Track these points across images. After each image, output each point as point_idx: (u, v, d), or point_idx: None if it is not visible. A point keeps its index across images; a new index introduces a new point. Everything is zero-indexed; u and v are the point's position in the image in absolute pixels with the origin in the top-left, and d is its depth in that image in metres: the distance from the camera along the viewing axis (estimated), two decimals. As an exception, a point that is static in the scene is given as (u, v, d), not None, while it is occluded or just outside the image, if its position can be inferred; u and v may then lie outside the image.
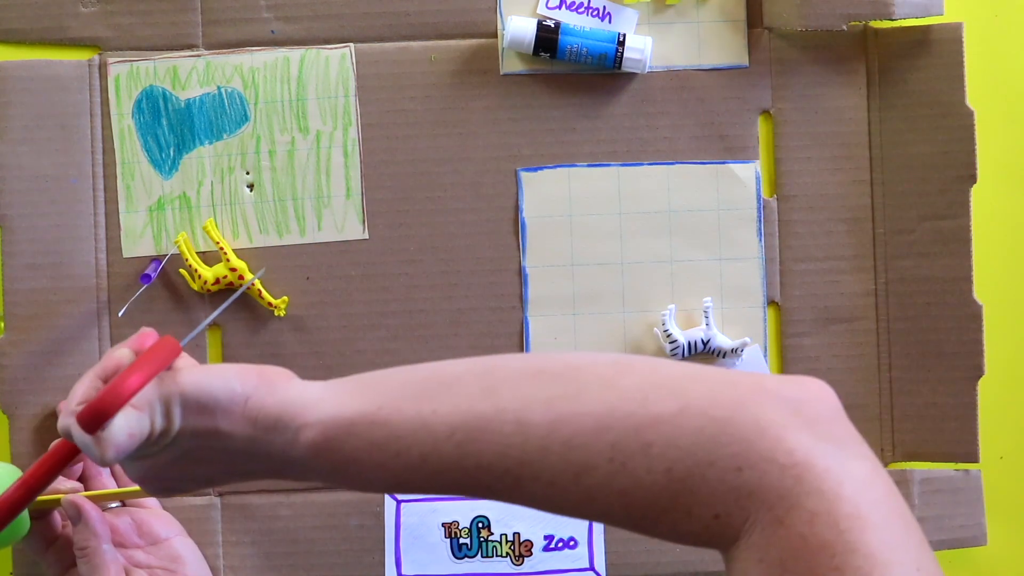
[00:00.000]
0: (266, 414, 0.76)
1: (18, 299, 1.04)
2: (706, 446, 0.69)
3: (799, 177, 1.06)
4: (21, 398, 1.03)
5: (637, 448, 0.70)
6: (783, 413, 0.70)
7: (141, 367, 0.75)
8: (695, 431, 0.70)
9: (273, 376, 0.78)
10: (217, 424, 0.76)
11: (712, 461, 0.69)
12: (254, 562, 1.05)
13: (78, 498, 0.96)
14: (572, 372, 0.74)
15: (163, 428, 0.76)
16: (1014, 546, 1.07)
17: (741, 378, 0.72)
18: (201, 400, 0.76)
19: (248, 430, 0.76)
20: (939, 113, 1.04)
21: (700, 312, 1.05)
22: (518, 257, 1.06)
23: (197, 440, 0.77)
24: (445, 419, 0.74)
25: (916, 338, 1.05)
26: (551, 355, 0.78)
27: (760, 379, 0.72)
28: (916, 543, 0.68)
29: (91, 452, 0.75)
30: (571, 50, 1.04)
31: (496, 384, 0.75)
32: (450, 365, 0.77)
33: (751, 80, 1.06)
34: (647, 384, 0.72)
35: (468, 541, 1.05)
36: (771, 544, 0.68)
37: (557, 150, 1.06)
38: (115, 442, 0.74)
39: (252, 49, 1.05)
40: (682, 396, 0.71)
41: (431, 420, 0.74)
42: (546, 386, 0.74)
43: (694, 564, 1.05)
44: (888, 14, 1.02)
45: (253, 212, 1.05)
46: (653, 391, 0.72)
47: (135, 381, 0.74)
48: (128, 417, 0.75)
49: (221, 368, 0.78)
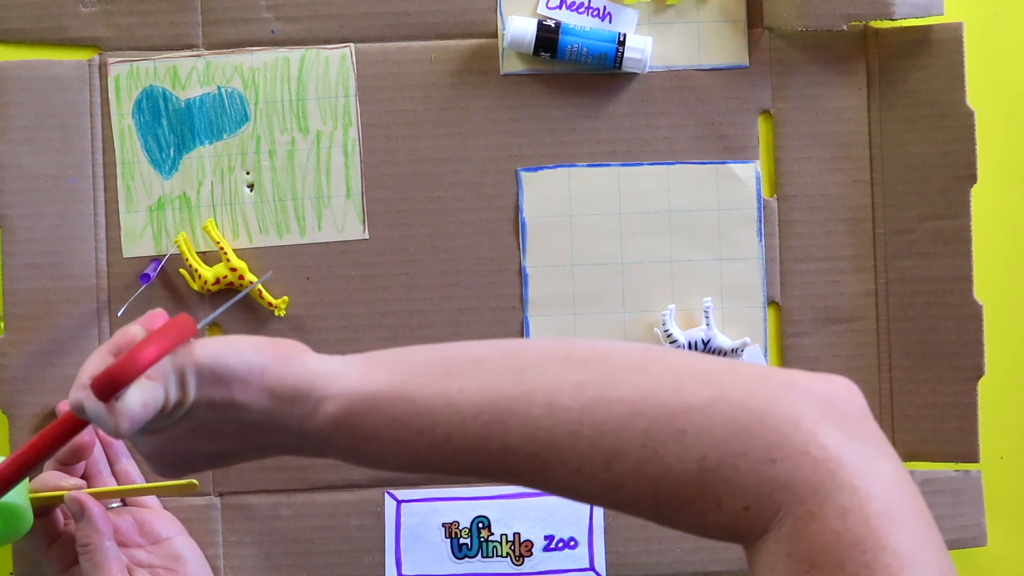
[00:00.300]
0: (284, 385, 0.75)
1: (18, 299, 1.04)
2: (740, 436, 0.69)
3: (799, 177, 1.06)
4: (21, 398, 1.03)
5: (670, 435, 0.70)
6: (815, 409, 0.70)
7: (157, 339, 0.73)
8: (729, 421, 0.70)
9: (289, 348, 0.76)
10: (233, 395, 0.75)
11: (746, 452, 0.69)
12: (254, 562, 1.05)
13: (81, 494, 0.96)
14: (602, 358, 0.74)
15: (178, 399, 0.74)
16: (1014, 546, 1.07)
17: (772, 373, 0.72)
18: (216, 371, 0.74)
19: (265, 401, 0.75)
20: (939, 113, 1.04)
21: (700, 312, 1.05)
22: (518, 257, 1.06)
23: (212, 412, 0.75)
24: (472, 398, 0.73)
25: (916, 338, 1.05)
26: (576, 341, 0.78)
27: (792, 375, 0.72)
28: (939, 544, 0.69)
29: (104, 423, 0.73)
30: (571, 50, 1.04)
31: (524, 366, 0.74)
32: (474, 345, 0.76)
33: (751, 80, 1.06)
34: (680, 372, 0.72)
35: (468, 541, 1.05)
36: (802, 538, 0.68)
37: (557, 150, 1.06)
38: (130, 412, 0.73)
39: (252, 49, 1.05)
40: (716, 386, 0.71)
41: (457, 399, 0.73)
42: (576, 370, 0.73)
43: (694, 564, 1.05)
44: (888, 14, 1.02)
45: (253, 212, 1.05)
46: (686, 379, 0.72)
47: (151, 352, 0.73)
48: (143, 387, 0.73)
49: (236, 339, 0.76)
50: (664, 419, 0.70)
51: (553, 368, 0.73)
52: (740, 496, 0.69)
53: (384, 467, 0.77)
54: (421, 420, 0.73)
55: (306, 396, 0.74)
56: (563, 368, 0.73)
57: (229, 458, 0.79)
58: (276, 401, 0.75)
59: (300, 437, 0.75)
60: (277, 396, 0.75)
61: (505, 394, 0.73)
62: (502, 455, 0.72)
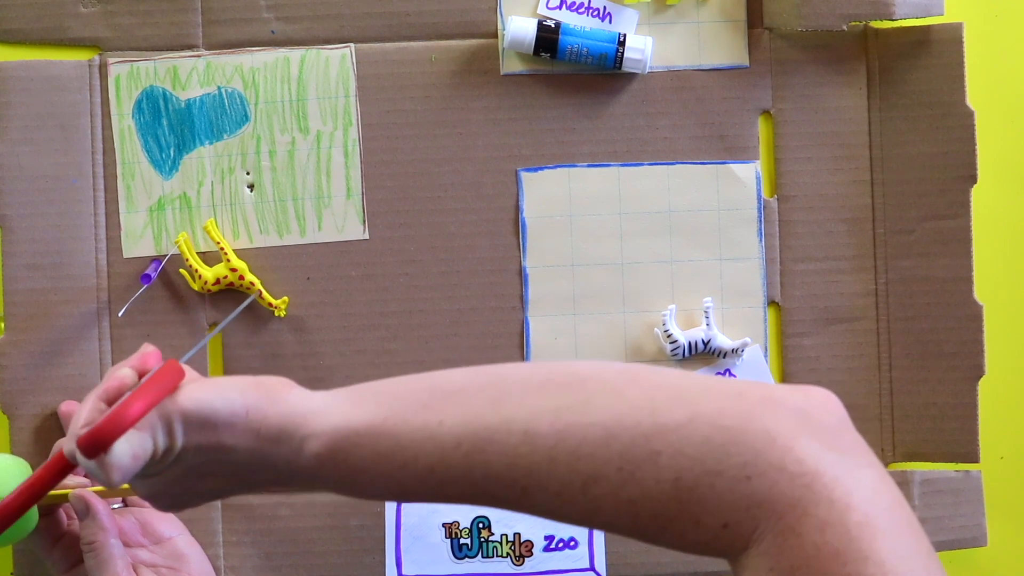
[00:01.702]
0: (269, 425, 0.76)
1: (18, 299, 1.04)
2: (715, 455, 0.69)
3: (799, 177, 1.06)
4: (21, 398, 1.03)
5: (645, 457, 0.70)
6: (791, 423, 0.70)
7: (144, 394, 0.76)
8: (703, 440, 0.70)
9: (273, 386, 0.78)
10: (220, 439, 0.77)
11: (721, 470, 0.69)
12: (254, 562, 1.05)
13: (86, 493, 0.96)
14: (578, 382, 0.74)
15: (166, 447, 0.77)
16: (1014, 547, 1.07)
17: (748, 388, 0.72)
18: (202, 416, 0.76)
19: (251, 442, 0.76)
20: (939, 113, 1.04)
21: (700, 312, 1.05)
22: (518, 257, 1.06)
23: (201, 456, 0.77)
24: (452, 430, 0.74)
25: (916, 338, 1.05)
26: (556, 364, 0.78)
27: (767, 389, 0.72)
28: (925, 551, 0.69)
29: (97, 476, 0.76)
30: (571, 50, 1.04)
31: (502, 395, 0.75)
32: (454, 374, 0.77)
33: (751, 80, 1.06)
34: (654, 394, 0.73)
35: (468, 541, 1.05)
36: (783, 553, 0.68)
37: (557, 150, 1.06)
38: (119, 465, 0.75)
39: (252, 49, 1.05)
40: (690, 405, 0.71)
41: (438, 431, 0.74)
42: (553, 396, 0.74)
43: (694, 564, 1.05)
44: (888, 14, 1.02)
45: (253, 212, 1.05)
46: (661, 401, 0.72)
47: (137, 408, 0.75)
48: (131, 439, 0.75)
49: (219, 382, 0.78)
50: (639, 441, 0.71)
51: (531, 395, 0.74)
52: (718, 514, 0.69)
53: (374, 498, 0.78)
54: (404, 454, 0.74)
55: (291, 435, 0.76)
56: (540, 394, 0.74)
57: (224, 494, 0.81)
58: (262, 441, 0.76)
59: (289, 474, 0.77)
60: (263, 436, 0.76)
61: (484, 424, 0.73)
62: (484, 484, 0.73)
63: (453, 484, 0.74)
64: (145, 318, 1.04)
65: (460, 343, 1.05)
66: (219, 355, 1.05)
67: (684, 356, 1.05)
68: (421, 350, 1.05)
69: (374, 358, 1.04)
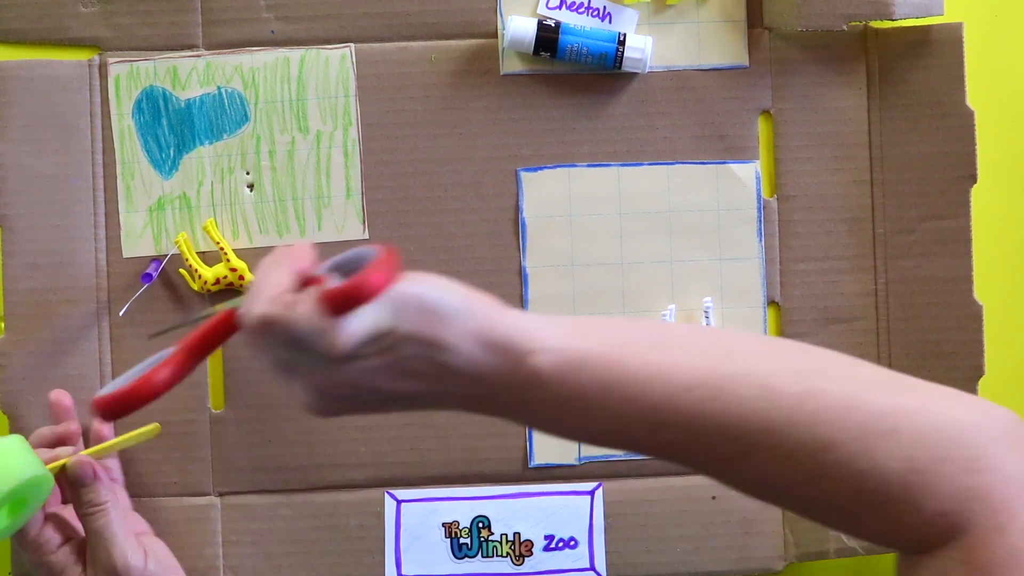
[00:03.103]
0: (494, 333, 0.73)
1: (18, 299, 1.04)
2: (946, 444, 0.71)
3: (799, 177, 1.06)
4: (21, 398, 1.03)
5: (883, 432, 0.71)
6: (1007, 431, 0.73)
7: (384, 267, 0.72)
8: (936, 428, 0.71)
9: (493, 300, 0.75)
10: (440, 334, 0.72)
11: (952, 458, 0.71)
12: (254, 562, 1.05)
13: (85, 457, 0.96)
14: (811, 350, 0.75)
15: (390, 328, 0.72)
16: (1014, 546, 1.07)
17: (961, 392, 0.75)
18: (430, 305, 0.73)
19: (470, 345, 0.73)
20: (939, 113, 1.04)
21: (700, 312, 1.05)
22: (518, 257, 1.06)
23: (415, 348, 0.73)
24: (684, 372, 0.72)
25: (916, 338, 1.05)
26: (777, 339, 0.79)
27: (977, 398, 0.76)
28: None
29: (316, 340, 0.71)
30: (571, 50, 1.04)
31: (734, 348, 0.74)
32: (673, 326, 0.77)
33: (751, 80, 1.06)
34: (885, 376, 0.75)
35: (468, 541, 1.05)
36: (985, 548, 0.70)
37: (557, 150, 1.06)
38: (357, 331, 0.71)
39: (252, 49, 1.05)
40: (920, 394, 0.74)
41: (670, 371, 0.72)
42: (789, 357, 0.74)
43: (694, 564, 1.05)
44: (888, 14, 1.02)
45: (253, 212, 1.05)
46: (894, 383, 0.74)
47: (382, 278, 0.71)
48: (369, 311, 0.71)
49: (442, 281, 0.75)
50: (878, 416, 0.72)
51: (765, 353, 0.74)
52: (940, 501, 0.71)
53: (576, 436, 0.76)
54: (631, 387, 0.72)
55: (516, 346, 0.73)
56: (776, 354, 0.74)
57: (405, 403, 0.76)
58: (482, 347, 0.73)
59: (497, 388, 0.73)
60: (484, 341, 0.73)
61: (719, 372, 0.72)
62: (708, 434, 0.72)
63: (674, 429, 0.72)
64: (145, 318, 1.04)
65: (460, 343, 1.05)
66: (219, 354, 1.05)
67: (684, 356, 1.05)
68: (421, 350, 1.05)
69: (374, 358, 1.04)
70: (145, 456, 1.04)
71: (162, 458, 1.04)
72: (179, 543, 1.04)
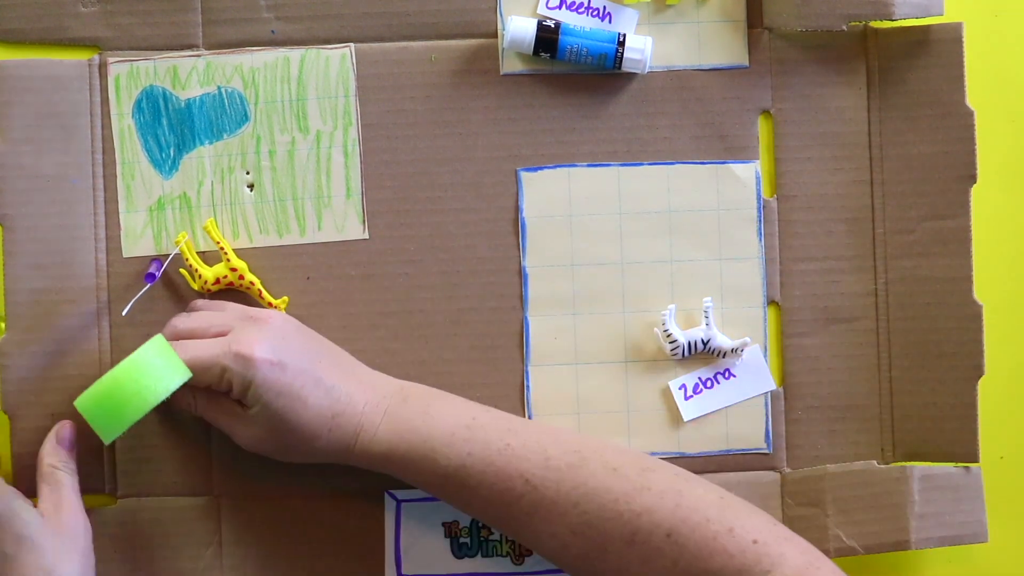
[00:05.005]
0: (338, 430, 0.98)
1: (19, 299, 1.04)
2: None
3: (799, 177, 1.06)
4: (22, 398, 1.03)
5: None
6: None
7: None
8: None
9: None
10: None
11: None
12: (254, 562, 1.05)
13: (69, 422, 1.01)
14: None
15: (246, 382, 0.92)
16: (1015, 547, 1.07)
17: None
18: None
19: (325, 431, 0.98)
20: (939, 113, 1.04)
21: (700, 312, 1.05)
22: (518, 257, 1.06)
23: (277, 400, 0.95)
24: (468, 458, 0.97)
25: (916, 338, 1.05)
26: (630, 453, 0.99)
27: None
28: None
29: None
30: (571, 50, 1.04)
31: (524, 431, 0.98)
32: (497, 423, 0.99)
33: (751, 80, 1.06)
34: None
35: (468, 540, 1.05)
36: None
37: (557, 150, 1.06)
38: None
39: (252, 49, 1.05)
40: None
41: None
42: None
43: (694, 564, 1.05)
44: (888, 14, 1.02)
45: (253, 212, 1.05)
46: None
47: None
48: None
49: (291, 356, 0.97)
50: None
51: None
52: None
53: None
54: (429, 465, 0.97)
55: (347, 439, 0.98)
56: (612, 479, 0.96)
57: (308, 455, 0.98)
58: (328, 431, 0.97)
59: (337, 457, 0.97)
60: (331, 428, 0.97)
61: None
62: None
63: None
64: (145, 318, 1.04)
65: (460, 343, 1.05)
66: (219, 355, 1.05)
67: (684, 356, 1.05)
68: (421, 350, 1.05)
69: (374, 358, 1.04)
70: (145, 456, 1.04)
71: (162, 458, 1.04)
72: (179, 543, 1.04)
